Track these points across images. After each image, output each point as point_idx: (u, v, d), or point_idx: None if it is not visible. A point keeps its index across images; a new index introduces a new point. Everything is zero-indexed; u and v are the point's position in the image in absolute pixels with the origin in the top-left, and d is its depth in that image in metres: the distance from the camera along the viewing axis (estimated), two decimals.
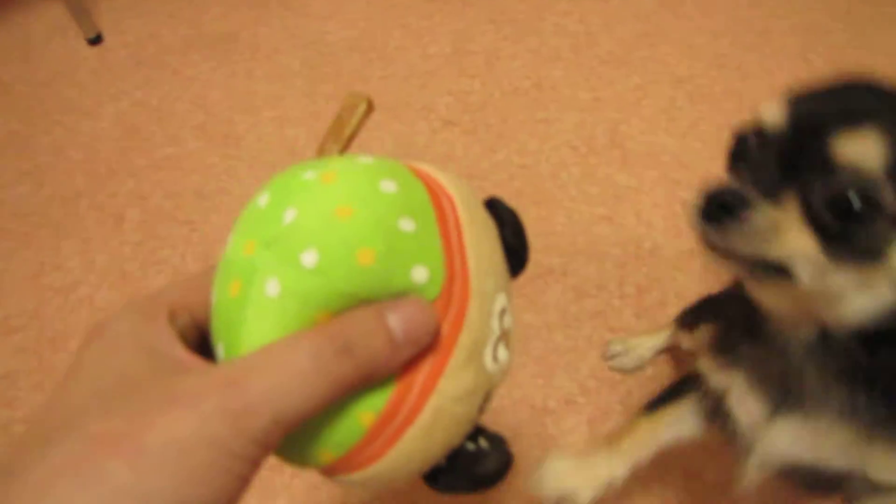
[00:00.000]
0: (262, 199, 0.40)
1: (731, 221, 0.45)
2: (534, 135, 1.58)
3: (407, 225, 0.38)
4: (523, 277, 0.48)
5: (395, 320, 0.37)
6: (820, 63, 1.79)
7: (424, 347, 0.38)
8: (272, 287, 0.36)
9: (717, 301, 0.86)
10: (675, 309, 1.26)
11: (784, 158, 0.45)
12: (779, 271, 0.46)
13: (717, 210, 0.46)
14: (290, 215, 0.38)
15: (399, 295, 0.38)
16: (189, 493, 0.31)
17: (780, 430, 0.54)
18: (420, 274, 0.38)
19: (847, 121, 0.44)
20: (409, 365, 0.38)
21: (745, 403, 0.56)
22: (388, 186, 0.39)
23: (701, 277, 1.33)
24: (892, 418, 0.50)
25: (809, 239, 0.45)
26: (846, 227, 0.43)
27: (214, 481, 0.32)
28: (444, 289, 0.39)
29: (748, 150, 0.49)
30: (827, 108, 0.45)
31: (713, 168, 1.53)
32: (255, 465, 0.33)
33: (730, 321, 0.60)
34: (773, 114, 0.47)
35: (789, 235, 0.44)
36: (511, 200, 1.68)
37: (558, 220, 1.41)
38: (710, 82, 1.75)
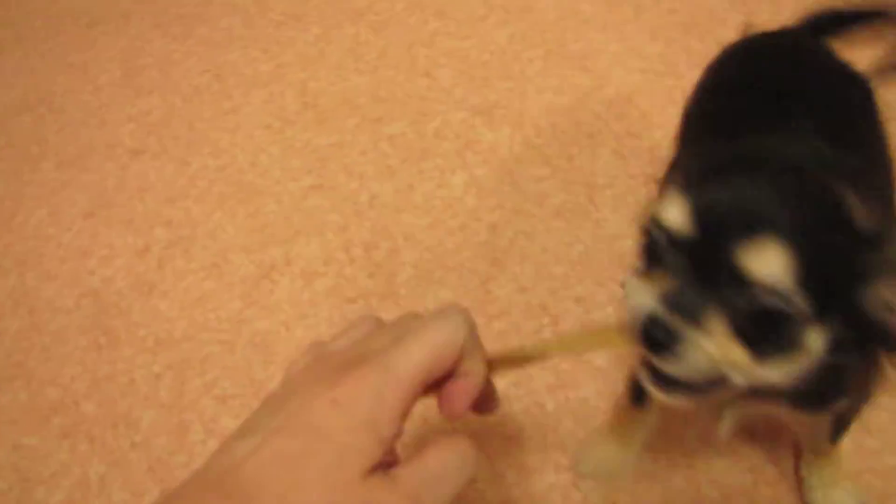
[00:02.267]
0: None
1: (667, 355, 0.50)
2: (224, 130, 1.48)
3: None
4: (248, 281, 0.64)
5: None
6: None
7: None
8: None
9: None
10: (408, 255, 1.22)
11: (696, 268, 0.49)
12: (714, 383, 0.52)
13: (653, 344, 0.50)
14: None
15: None
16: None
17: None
18: None
19: (748, 232, 0.47)
20: None
21: None
22: None
23: (424, 211, 1.29)
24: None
25: (739, 351, 0.49)
26: (767, 333, 0.49)
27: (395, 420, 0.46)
28: None
29: (660, 251, 0.52)
30: (728, 215, 0.48)
31: (418, 91, 1.48)
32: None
33: None
34: (676, 219, 0.50)
35: (721, 354, 0.49)
36: (216, 210, 1.56)
37: (269, 208, 1.33)
38: (389, 4, 1.69)
